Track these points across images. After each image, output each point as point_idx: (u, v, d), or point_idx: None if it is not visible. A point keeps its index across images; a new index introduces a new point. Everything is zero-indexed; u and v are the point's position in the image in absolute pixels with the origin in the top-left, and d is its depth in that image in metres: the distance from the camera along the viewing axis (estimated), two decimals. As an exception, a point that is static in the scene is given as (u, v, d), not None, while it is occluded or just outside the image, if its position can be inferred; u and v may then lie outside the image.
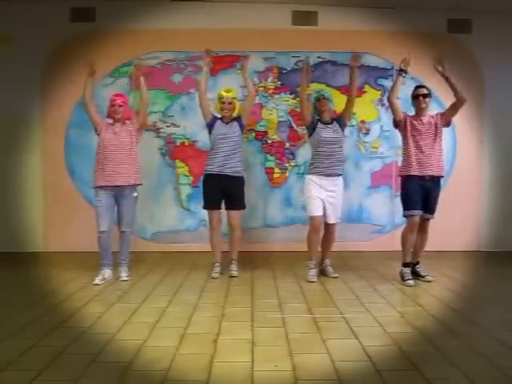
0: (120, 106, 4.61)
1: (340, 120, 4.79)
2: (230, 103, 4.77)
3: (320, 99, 4.72)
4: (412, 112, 4.69)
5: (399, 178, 4.75)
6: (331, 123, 4.75)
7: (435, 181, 4.54)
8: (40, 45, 5.94)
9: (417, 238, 4.64)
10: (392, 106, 4.61)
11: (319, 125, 4.73)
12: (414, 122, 4.53)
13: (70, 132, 6.06)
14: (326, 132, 4.68)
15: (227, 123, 4.83)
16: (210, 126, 4.84)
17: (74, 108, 6.04)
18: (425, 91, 4.57)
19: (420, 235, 4.65)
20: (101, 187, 4.57)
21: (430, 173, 4.48)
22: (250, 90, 4.86)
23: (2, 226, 6.02)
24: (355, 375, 2.61)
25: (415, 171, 4.47)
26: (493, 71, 6.12)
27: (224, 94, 4.78)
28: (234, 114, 4.85)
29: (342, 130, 4.77)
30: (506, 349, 2.95)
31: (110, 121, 4.69)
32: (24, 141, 6.05)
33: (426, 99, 4.54)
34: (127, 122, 4.71)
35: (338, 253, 5.39)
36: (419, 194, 4.47)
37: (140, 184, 4.75)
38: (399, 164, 4.91)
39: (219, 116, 4.90)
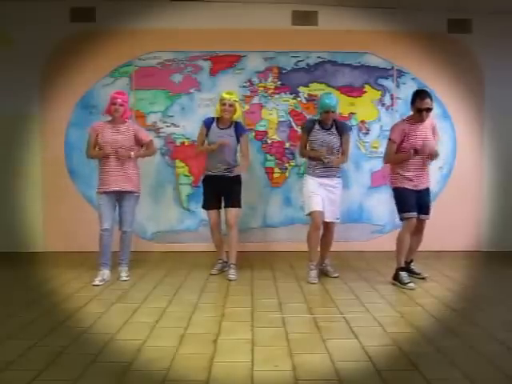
0: (121, 105, 4.58)
1: (340, 127, 4.75)
2: (230, 105, 4.75)
3: (328, 112, 4.61)
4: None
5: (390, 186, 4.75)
6: (329, 128, 4.71)
7: (425, 189, 4.61)
8: (40, 45, 5.92)
9: (412, 238, 4.63)
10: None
11: (316, 126, 4.74)
12: (411, 138, 4.44)
13: (69, 132, 6.06)
14: (320, 135, 4.69)
15: (222, 129, 4.83)
16: (206, 130, 4.89)
17: (74, 108, 6.04)
18: (429, 104, 4.41)
19: (416, 236, 4.66)
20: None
21: (418, 187, 4.53)
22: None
23: (2, 225, 6.02)
24: (355, 375, 2.61)
25: (406, 185, 4.52)
26: (493, 71, 6.11)
27: (226, 96, 4.77)
28: (234, 117, 4.84)
29: (341, 137, 4.72)
30: (505, 349, 2.95)
31: (109, 118, 4.67)
32: (24, 141, 6.04)
33: (430, 113, 4.46)
34: (127, 121, 4.72)
35: (338, 253, 5.39)
36: (413, 196, 4.51)
37: (139, 192, 4.76)
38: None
39: (215, 117, 4.89)
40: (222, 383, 2.51)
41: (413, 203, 4.49)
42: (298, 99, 6.14)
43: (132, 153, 4.60)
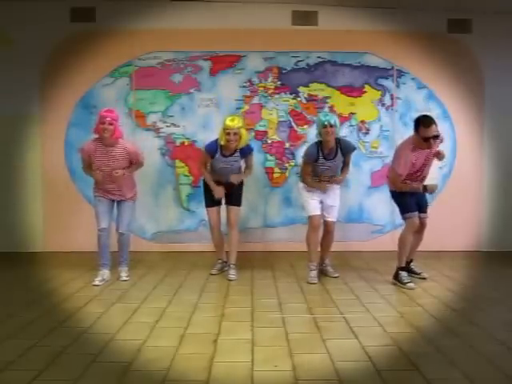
0: (110, 123, 4.39)
1: (345, 149, 4.67)
2: (235, 134, 4.53)
3: (326, 126, 4.46)
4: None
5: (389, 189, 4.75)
6: (334, 157, 4.63)
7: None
8: (40, 45, 5.92)
9: (413, 237, 4.63)
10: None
11: (320, 157, 4.59)
12: (413, 161, 4.37)
13: (70, 132, 6.06)
14: (326, 165, 4.62)
15: (227, 156, 4.72)
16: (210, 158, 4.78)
17: (74, 108, 6.03)
18: (436, 131, 4.24)
19: (417, 235, 4.66)
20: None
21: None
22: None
23: (2, 225, 6.02)
24: (355, 375, 2.61)
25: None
26: (493, 71, 6.11)
27: (229, 123, 4.51)
28: (242, 143, 4.66)
29: (344, 159, 4.70)
30: (506, 349, 2.95)
31: (96, 136, 4.51)
32: (24, 141, 6.04)
33: (437, 140, 4.33)
34: (119, 140, 4.53)
35: (338, 253, 5.39)
36: (412, 196, 4.51)
37: (135, 196, 4.78)
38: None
39: (220, 144, 4.66)
40: (221, 383, 2.51)
41: (413, 203, 4.51)
42: (298, 99, 6.14)
43: (125, 172, 4.53)
